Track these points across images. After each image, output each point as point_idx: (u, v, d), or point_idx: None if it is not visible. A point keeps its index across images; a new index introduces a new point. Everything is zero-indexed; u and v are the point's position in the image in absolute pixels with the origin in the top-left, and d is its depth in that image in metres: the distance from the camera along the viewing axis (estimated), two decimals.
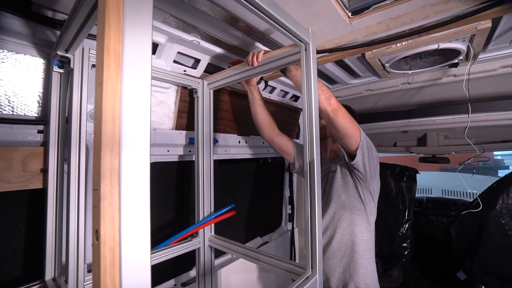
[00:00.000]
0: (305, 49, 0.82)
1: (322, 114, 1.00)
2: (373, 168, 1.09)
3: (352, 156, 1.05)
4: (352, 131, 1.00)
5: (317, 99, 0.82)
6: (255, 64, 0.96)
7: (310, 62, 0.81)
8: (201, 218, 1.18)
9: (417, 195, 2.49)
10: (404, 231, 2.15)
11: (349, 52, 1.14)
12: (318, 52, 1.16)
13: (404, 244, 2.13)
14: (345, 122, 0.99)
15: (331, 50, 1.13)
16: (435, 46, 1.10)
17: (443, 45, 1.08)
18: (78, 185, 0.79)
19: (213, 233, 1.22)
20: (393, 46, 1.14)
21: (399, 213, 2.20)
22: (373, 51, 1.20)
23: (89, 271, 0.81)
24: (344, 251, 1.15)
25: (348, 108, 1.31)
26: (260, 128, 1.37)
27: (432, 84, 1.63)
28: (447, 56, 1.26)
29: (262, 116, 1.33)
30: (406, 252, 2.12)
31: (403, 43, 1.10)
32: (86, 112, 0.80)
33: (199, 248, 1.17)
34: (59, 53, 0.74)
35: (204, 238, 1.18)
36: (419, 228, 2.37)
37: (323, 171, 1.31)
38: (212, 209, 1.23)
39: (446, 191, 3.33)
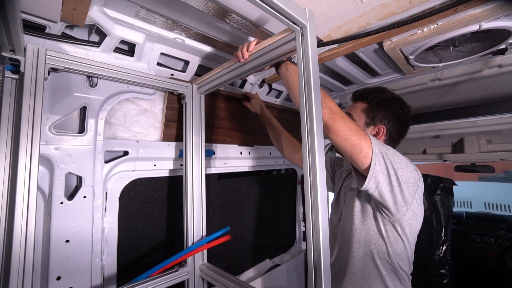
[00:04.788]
0: (302, 34, 0.64)
1: None
2: (402, 199, 0.77)
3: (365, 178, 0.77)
4: (355, 151, 0.73)
5: (318, 97, 0.63)
6: (245, 57, 0.80)
7: (308, 50, 0.63)
8: (190, 243, 1.01)
9: (454, 209, 2.13)
10: (442, 255, 1.81)
11: (363, 42, 0.94)
12: (324, 44, 0.97)
13: (443, 271, 1.78)
14: (342, 140, 0.74)
15: (340, 41, 0.94)
16: (475, 27, 0.86)
17: (487, 25, 0.84)
18: (28, 204, 0.65)
19: (205, 261, 1.04)
20: (419, 31, 0.92)
21: (434, 232, 1.86)
22: (393, 40, 0.98)
23: None
24: None
25: (397, 103, 0.99)
26: (279, 150, 1.37)
27: (469, 78, 1.35)
28: (490, 41, 1.01)
29: (275, 135, 1.32)
30: (445, 281, 1.77)
31: (432, 26, 0.88)
32: (40, 123, 0.68)
33: (187, 280, 0.99)
34: (4, 54, 0.63)
35: (194, 268, 1.01)
36: (460, 250, 1.99)
37: (346, 187, 1.07)
38: (204, 233, 1.05)
39: (490, 205, 2.84)
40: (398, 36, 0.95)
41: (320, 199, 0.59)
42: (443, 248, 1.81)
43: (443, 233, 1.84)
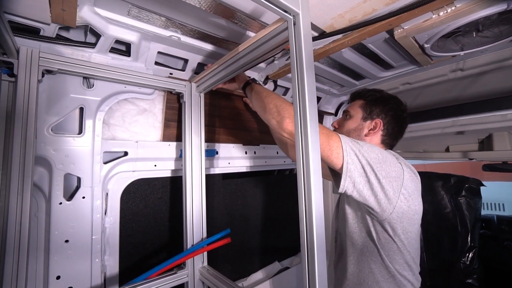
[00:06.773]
0: (294, 23, 0.59)
1: None
2: (384, 197, 0.71)
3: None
4: (325, 153, 0.69)
5: (313, 91, 0.58)
6: None
7: (301, 40, 0.58)
8: (189, 245, 0.99)
9: (483, 212, 1.94)
10: (468, 262, 1.65)
11: (369, 31, 0.86)
12: (326, 35, 0.91)
13: (469, 280, 1.62)
14: None
15: (343, 31, 0.87)
16: (502, 7, 0.76)
17: None
18: (22, 206, 0.66)
19: (205, 263, 1.01)
20: (433, 16, 0.83)
21: (458, 237, 1.70)
22: (404, 27, 0.89)
23: None
24: None
25: (393, 100, 0.99)
26: (283, 150, 1.32)
27: (496, 67, 1.21)
28: None
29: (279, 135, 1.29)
30: None
31: (448, 9, 0.79)
32: (34, 125, 0.68)
33: (187, 283, 0.97)
34: None
35: (193, 270, 0.98)
36: (490, 258, 1.81)
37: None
38: (204, 235, 1.02)
39: None
40: (410, 22, 0.86)
41: (314, 197, 0.53)
42: (470, 255, 1.65)
43: (469, 238, 1.68)
